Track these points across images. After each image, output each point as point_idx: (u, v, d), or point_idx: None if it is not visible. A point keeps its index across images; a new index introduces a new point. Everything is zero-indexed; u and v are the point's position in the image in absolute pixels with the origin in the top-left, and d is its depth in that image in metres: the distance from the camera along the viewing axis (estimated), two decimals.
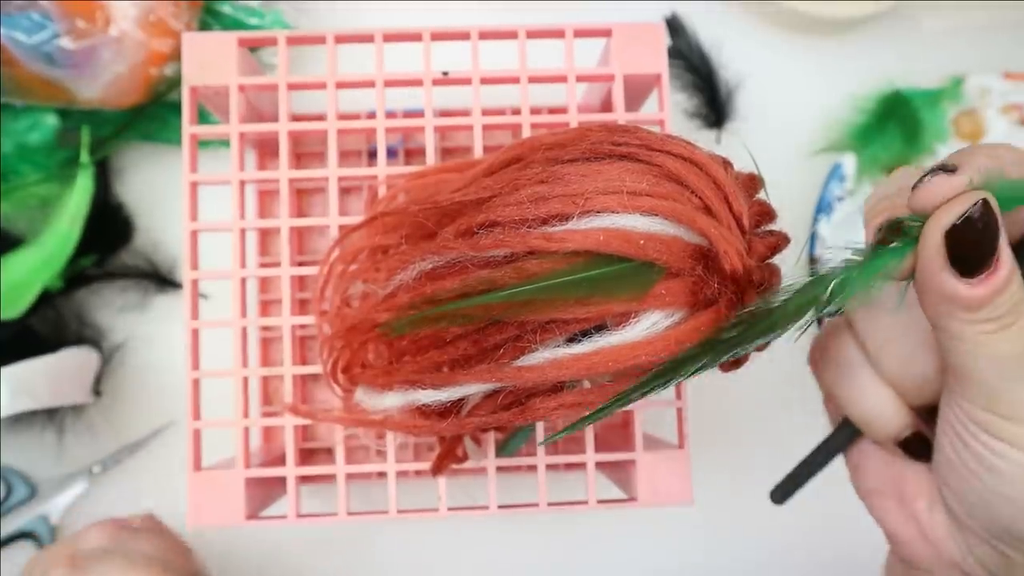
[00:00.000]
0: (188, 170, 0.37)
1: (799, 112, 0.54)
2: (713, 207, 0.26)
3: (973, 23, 0.55)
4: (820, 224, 0.51)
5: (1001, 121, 0.52)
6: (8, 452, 0.50)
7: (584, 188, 0.26)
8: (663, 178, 0.27)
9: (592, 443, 0.37)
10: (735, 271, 0.26)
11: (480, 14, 0.53)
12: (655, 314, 0.26)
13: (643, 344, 0.26)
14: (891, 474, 0.32)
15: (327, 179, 0.37)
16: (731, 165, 0.29)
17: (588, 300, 0.26)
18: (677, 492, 0.36)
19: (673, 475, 0.36)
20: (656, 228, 0.26)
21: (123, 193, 0.51)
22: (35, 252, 0.46)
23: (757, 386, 0.53)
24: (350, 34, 0.37)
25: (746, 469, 0.53)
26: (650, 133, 0.28)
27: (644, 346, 0.26)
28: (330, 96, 0.37)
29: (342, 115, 0.38)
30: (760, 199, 0.29)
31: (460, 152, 0.51)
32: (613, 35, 0.37)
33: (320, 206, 0.50)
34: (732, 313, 0.26)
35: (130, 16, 0.43)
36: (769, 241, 0.28)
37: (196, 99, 0.37)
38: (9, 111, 0.47)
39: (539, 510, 0.36)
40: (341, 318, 0.33)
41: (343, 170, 0.37)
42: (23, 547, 0.50)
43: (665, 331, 0.26)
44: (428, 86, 0.37)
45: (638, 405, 0.36)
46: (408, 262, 0.29)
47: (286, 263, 0.37)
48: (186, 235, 0.36)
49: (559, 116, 0.38)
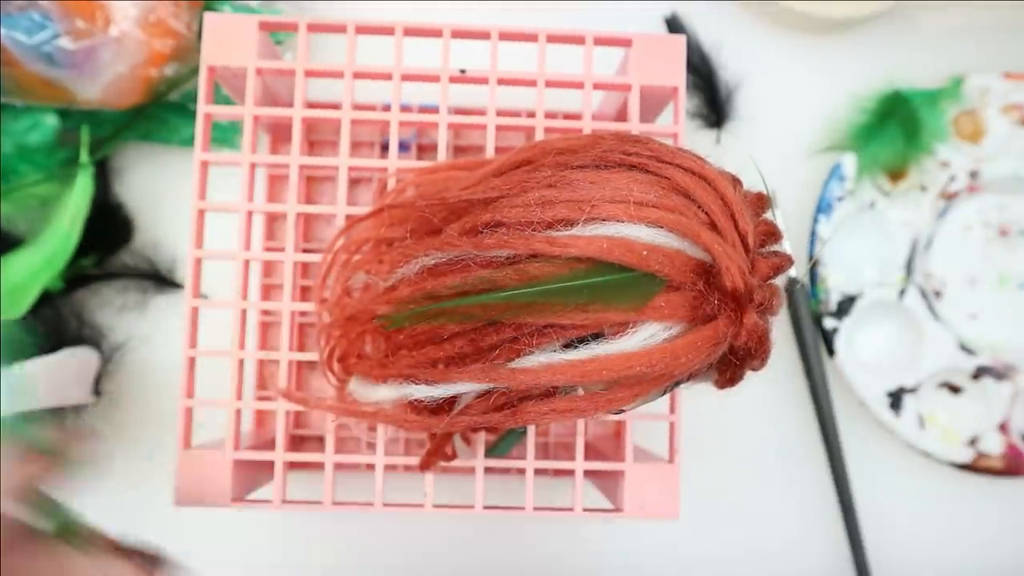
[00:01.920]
0: (200, 149, 0.37)
1: (799, 112, 0.54)
2: (719, 223, 0.26)
3: (973, 23, 0.54)
4: (820, 224, 0.51)
5: (1001, 121, 0.52)
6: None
7: (591, 195, 0.26)
8: (671, 191, 0.27)
9: (582, 451, 0.37)
10: (736, 288, 0.26)
11: (478, 14, 0.53)
12: (653, 326, 0.26)
13: (639, 355, 0.26)
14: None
15: (337, 168, 0.37)
16: (740, 183, 0.29)
17: (587, 307, 0.26)
18: (663, 506, 0.36)
19: (661, 488, 0.36)
20: (660, 240, 0.26)
21: (123, 193, 0.51)
22: (35, 253, 0.46)
23: (755, 402, 0.53)
24: (371, 25, 0.37)
25: (738, 483, 0.53)
26: (662, 145, 0.28)
27: (639, 357, 0.25)
28: (347, 85, 0.37)
29: (357, 105, 0.38)
30: (767, 219, 0.29)
31: (472, 150, 0.51)
32: (633, 45, 0.37)
33: (329, 194, 0.50)
34: (731, 330, 0.26)
35: (130, 16, 0.43)
36: (773, 261, 0.28)
37: (213, 79, 0.37)
38: (9, 111, 0.47)
39: (525, 513, 0.36)
40: (341, 307, 0.33)
41: (354, 160, 0.37)
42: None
43: (662, 343, 0.26)
44: (445, 83, 0.37)
45: (632, 416, 0.36)
46: (411, 256, 0.29)
47: (290, 248, 0.37)
48: (193, 213, 0.37)
49: (573, 122, 0.38)
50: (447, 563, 0.52)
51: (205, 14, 0.37)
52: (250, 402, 0.37)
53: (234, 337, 0.37)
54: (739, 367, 0.28)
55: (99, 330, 0.50)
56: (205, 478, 0.36)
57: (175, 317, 0.51)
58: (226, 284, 0.38)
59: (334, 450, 0.36)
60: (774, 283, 0.28)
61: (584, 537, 0.52)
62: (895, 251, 0.52)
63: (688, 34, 0.53)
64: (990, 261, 0.52)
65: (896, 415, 0.50)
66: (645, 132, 0.35)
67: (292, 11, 0.52)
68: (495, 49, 0.38)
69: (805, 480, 0.52)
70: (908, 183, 0.52)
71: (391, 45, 0.37)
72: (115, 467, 0.51)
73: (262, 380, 0.46)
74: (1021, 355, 0.51)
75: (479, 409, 0.29)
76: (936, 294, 0.52)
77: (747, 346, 0.27)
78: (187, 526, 0.51)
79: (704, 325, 0.26)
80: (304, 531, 0.52)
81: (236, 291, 0.37)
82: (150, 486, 0.51)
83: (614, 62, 0.40)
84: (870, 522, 0.52)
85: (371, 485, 0.36)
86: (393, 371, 0.30)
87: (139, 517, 0.50)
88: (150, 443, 0.51)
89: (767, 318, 0.28)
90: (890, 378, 0.51)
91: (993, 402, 0.51)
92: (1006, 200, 0.52)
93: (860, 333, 0.52)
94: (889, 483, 0.53)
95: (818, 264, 0.51)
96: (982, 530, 0.53)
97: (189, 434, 0.36)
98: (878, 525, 0.52)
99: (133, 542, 0.32)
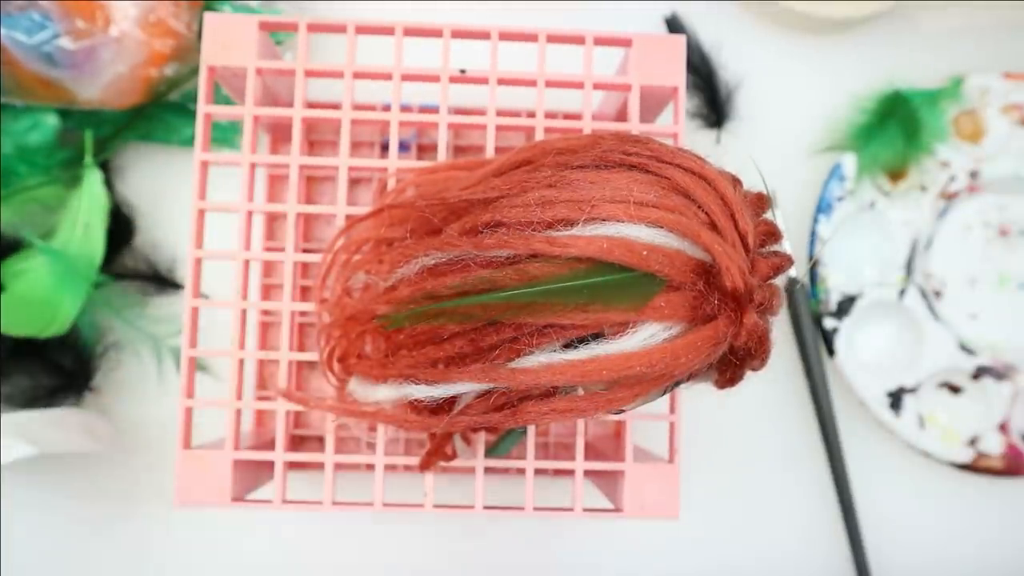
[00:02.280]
0: (200, 149, 0.37)
1: (799, 112, 0.54)
2: (719, 223, 0.26)
3: (973, 23, 0.54)
4: (820, 224, 0.51)
5: (1001, 121, 0.52)
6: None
7: (591, 195, 0.26)
8: (671, 191, 0.27)
9: (582, 451, 0.37)
10: (736, 288, 0.26)
11: (478, 14, 0.53)
12: (653, 326, 0.26)
13: (639, 355, 0.26)
14: None
15: (337, 168, 0.37)
16: (740, 183, 0.29)
17: (587, 307, 0.26)
18: (663, 505, 0.36)
19: (661, 488, 0.36)
20: (660, 240, 0.26)
21: (123, 193, 0.51)
22: (53, 264, 0.46)
23: (755, 402, 0.53)
24: (371, 25, 0.37)
25: (737, 483, 0.53)
26: (662, 145, 0.28)
27: (639, 357, 0.25)
28: (347, 86, 0.37)
29: (357, 105, 0.38)
30: (767, 219, 0.29)
31: (472, 150, 0.51)
32: (633, 45, 0.37)
33: (329, 194, 0.50)
34: (731, 330, 0.26)
35: (130, 16, 0.43)
36: (773, 261, 0.28)
37: (213, 79, 0.37)
38: (9, 111, 0.47)
39: (525, 514, 0.36)
40: (341, 307, 0.33)
41: (354, 160, 0.37)
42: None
43: (662, 343, 0.26)
44: (445, 83, 0.37)
45: (632, 416, 0.36)
46: (411, 256, 0.29)
47: (290, 248, 0.37)
48: (193, 213, 0.37)
49: (573, 122, 0.38)
50: (447, 563, 0.52)
51: (205, 14, 0.37)
52: (250, 402, 0.37)
53: (234, 337, 0.37)
54: (739, 367, 0.28)
55: (99, 330, 0.50)
56: (205, 478, 0.36)
57: (175, 317, 0.51)
58: (226, 284, 0.38)
59: (334, 450, 0.36)
60: (774, 283, 0.28)
61: (584, 537, 0.52)
62: (895, 251, 0.52)
63: (688, 34, 0.53)
64: (990, 261, 0.52)
65: (896, 415, 0.50)
66: (645, 132, 0.35)
67: (292, 11, 0.52)
68: (495, 49, 0.38)
69: (805, 480, 0.52)
70: (908, 183, 0.52)
71: (391, 45, 0.37)
72: (115, 467, 0.51)
73: (262, 380, 0.46)
74: (1021, 355, 0.51)
75: (479, 409, 0.29)
76: (936, 294, 0.52)
77: (747, 346, 0.27)
78: (187, 526, 0.51)
79: (704, 325, 0.26)
80: (304, 531, 0.52)
81: (236, 291, 0.37)
82: (150, 486, 0.51)
83: (614, 62, 0.40)
84: (870, 522, 0.52)
85: (371, 485, 0.36)
86: (393, 371, 0.30)
87: (139, 517, 0.51)
88: (150, 443, 0.51)
89: (767, 318, 0.28)
90: (890, 378, 0.51)
91: (993, 402, 0.51)
92: (1006, 200, 0.52)
93: (860, 333, 0.52)
94: (889, 483, 0.53)
95: (818, 264, 0.51)
96: (982, 530, 0.53)
97: (189, 434, 0.36)
98: (878, 525, 0.52)
99: None
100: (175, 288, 0.51)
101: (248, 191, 0.37)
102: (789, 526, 0.53)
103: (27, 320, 0.46)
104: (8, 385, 0.48)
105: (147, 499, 0.50)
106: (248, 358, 0.37)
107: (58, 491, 0.51)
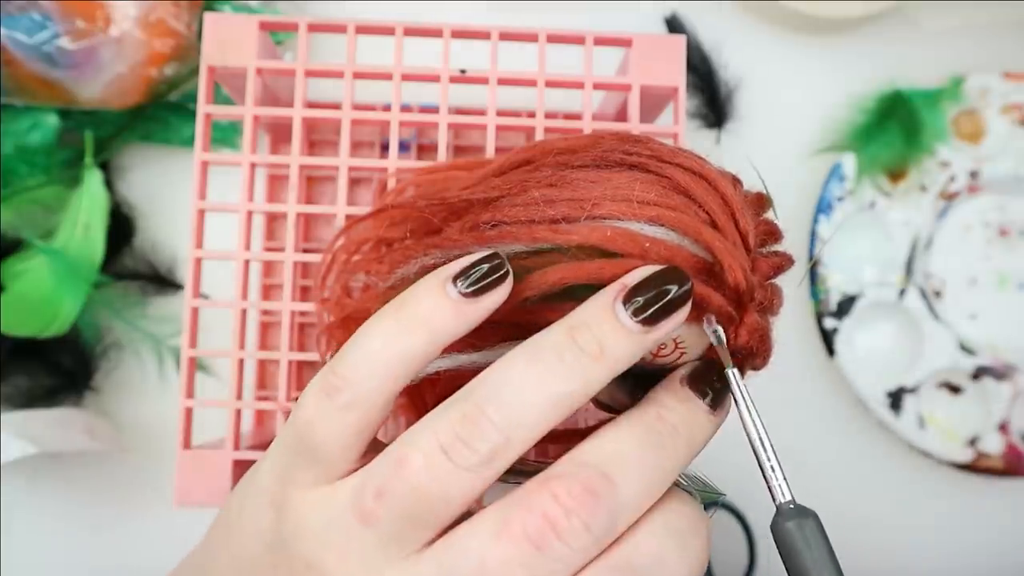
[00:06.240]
0: (200, 149, 0.37)
1: (799, 112, 0.54)
2: (720, 222, 0.26)
3: (973, 23, 0.55)
4: (820, 224, 0.51)
5: (1001, 121, 0.52)
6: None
7: (592, 194, 0.26)
8: (672, 190, 0.27)
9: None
10: (738, 285, 0.26)
11: (478, 13, 0.53)
12: None
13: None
14: None
15: (337, 168, 0.37)
16: (740, 183, 0.29)
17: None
18: None
19: None
20: (661, 236, 0.26)
21: (123, 194, 0.51)
22: (53, 264, 0.46)
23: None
24: (371, 25, 0.37)
25: (738, 482, 0.53)
26: (662, 145, 0.28)
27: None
28: (347, 86, 0.37)
29: (357, 105, 0.38)
30: (767, 219, 0.29)
31: (472, 151, 0.51)
32: (633, 45, 0.37)
33: (329, 195, 0.50)
34: (732, 329, 0.26)
35: (130, 16, 0.43)
36: (774, 261, 0.28)
37: (213, 79, 0.37)
38: (9, 111, 0.47)
39: None
40: (340, 307, 0.33)
41: (354, 160, 0.37)
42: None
43: None
44: (445, 83, 0.37)
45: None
46: (411, 256, 0.29)
47: (290, 248, 0.37)
48: (193, 213, 0.37)
49: (574, 122, 0.38)
50: None
51: (205, 14, 0.37)
52: (250, 402, 0.37)
53: (234, 337, 0.37)
54: (740, 366, 0.28)
55: (99, 330, 0.50)
56: (205, 478, 0.36)
57: (175, 317, 0.51)
58: (226, 284, 0.38)
59: None
60: (775, 282, 0.28)
61: None
62: (895, 251, 0.52)
63: (688, 34, 0.53)
64: (990, 261, 0.53)
65: (896, 415, 0.50)
66: (645, 132, 0.35)
67: (292, 11, 0.52)
68: (495, 49, 0.38)
69: (806, 479, 0.52)
70: (908, 183, 0.52)
71: (391, 45, 0.37)
72: (115, 467, 0.51)
73: (262, 380, 0.46)
74: (1021, 355, 0.51)
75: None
76: (936, 294, 0.52)
77: (748, 345, 0.27)
78: (187, 526, 0.51)
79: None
80: None
81: (236, 291, 0.37)
82: (149, 486, 0.51)
83: (614, 62, 0.40)
84: (870, 522, 0.52)
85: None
86: None
87: (139, 517, 0.51)
88: (150, 443, 0.51)
89: (768, 317, 0.28)
90: (890, 378, 0.51)
91: (993, 402, 0.51)
92: (1006, 200, 0.52)
93: (860, 333, 0.52)
94: (889, 483, 0.53)
95: (818, 264, 0.51)
96: (982, 530, 0.53)
97: (189, 434, 0.36)
98: (878, 525, 0.52)
99: None
100: (175, 288, 0.51)
101: (248, 191, 0.37)
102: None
103: (27, 320, 0.46)
104: (8, 385, 0.48)
105: (147, 499, 0.50)
106: (248, 358, 0.37)
107: (58, 491, 0.51)
